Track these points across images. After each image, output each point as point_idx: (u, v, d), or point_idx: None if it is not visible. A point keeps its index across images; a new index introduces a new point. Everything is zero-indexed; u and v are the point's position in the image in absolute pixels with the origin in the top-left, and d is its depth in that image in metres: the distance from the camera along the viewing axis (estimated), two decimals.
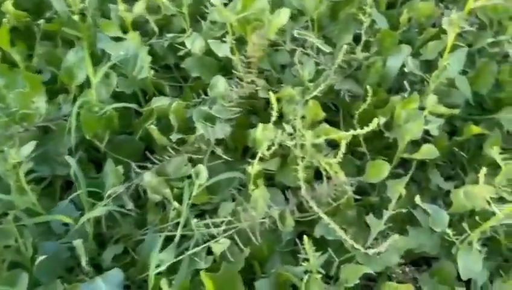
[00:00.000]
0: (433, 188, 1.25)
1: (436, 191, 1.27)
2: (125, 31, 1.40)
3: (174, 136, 1.15)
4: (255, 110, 1.39)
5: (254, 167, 1.03)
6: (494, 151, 1.01)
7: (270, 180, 1.27)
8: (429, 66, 1.44)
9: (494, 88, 1.46)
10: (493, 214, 0.98)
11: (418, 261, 1.22)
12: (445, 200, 1.28)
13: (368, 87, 1.11)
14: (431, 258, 1.18)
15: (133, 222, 1.19)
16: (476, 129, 1.24)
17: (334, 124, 1.42)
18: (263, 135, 1.15)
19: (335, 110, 1.38)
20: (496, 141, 1.23)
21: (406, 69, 1.22)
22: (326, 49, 1.14)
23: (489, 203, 0.87)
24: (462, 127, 1.37)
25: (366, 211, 1.22)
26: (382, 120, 1.19)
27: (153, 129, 1.15)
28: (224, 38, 1.18)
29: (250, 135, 1.24)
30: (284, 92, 1.15)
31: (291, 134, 1.08)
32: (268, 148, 1.06)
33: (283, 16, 1.12)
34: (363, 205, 1.19)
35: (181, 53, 1.34)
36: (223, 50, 1.18)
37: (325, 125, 1.11)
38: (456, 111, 1.16)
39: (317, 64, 1.27)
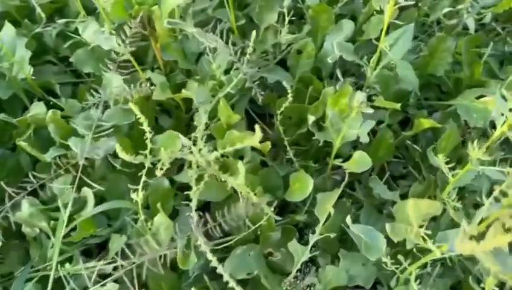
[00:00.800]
0: (377, 196, 1.04)
1: (383, 198, 1.07)
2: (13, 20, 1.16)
3: (51, 153, 0.93)
4: (169, 111, 1.17)
5: (139, 195, 0.81)
6: (439, 160, 0.80)
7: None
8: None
9: (453, 66, 1.25)
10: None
11: None
12: None
13: (284, 83, 0.89)
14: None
15: (17, 256, 0.99)
16: (426, 123, 1.03)
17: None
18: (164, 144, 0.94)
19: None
20: (449, 137, 1.03)
21: (329, 59, 0.98)
22: (209, 42, 0.90)
23: (424, 239, 0.67)
24: (415, 116, 1.16)
25: (298, 228, 1.03)
26: (311, 119, 0.98)
27: (24, 145, 0.92)
28: (103, 29, 0.94)
29: (156, 144, 1.02)
30: (182, 93, 0.92)
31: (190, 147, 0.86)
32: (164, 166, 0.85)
33: None
34: (290, 223, 0.99)
35: (68, 43, 1.10)
36: (107, 42, 0.94)
37: (234, 133, 0.89)
38: (397, 106, 0.95)
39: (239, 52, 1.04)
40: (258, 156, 1.02)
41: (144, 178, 0.81)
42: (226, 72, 1.03)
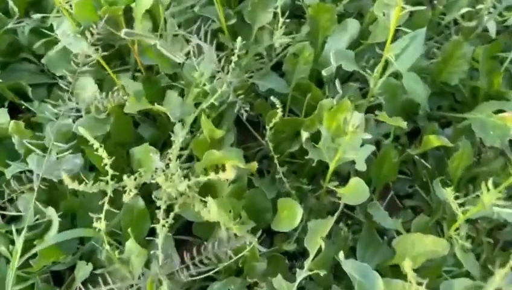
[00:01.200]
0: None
1: None
2: None
3: (12, 169, 0.83)
4: (153, 119, 1.06)
5: (101, 224, 0.71)
6: (448, 193, 0.69)
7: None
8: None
9: (471, 72, 1.12)
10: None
11: None
12: None
13: (273, 98, 0.78)
14: None
15: None
16: (436, 141, 0.91)
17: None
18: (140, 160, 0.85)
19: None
20: (462, 156, 0.91)
21: (324, 72, 0.86)
22: (176, 57, 0.79)
23: None
24: (425, 129, 1.04)
25: (289, 255, 0.93)
26: (305, 135, 0.87)
27: None
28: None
29: (134, 156, 0.92)
30: (155, 106, 0.82)
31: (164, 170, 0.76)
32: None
33: None
34: (278, 251, 0.89)
35: (41, 41, 0.99)
36: (76, 44, 0.84)
37: (214, 153, 0.78)
38: (404, 124, 0.83)
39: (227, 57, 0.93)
40: (245, 173, 0.91)
41: (106, 207, 0.71)
42: (213, 77, 0.92)
